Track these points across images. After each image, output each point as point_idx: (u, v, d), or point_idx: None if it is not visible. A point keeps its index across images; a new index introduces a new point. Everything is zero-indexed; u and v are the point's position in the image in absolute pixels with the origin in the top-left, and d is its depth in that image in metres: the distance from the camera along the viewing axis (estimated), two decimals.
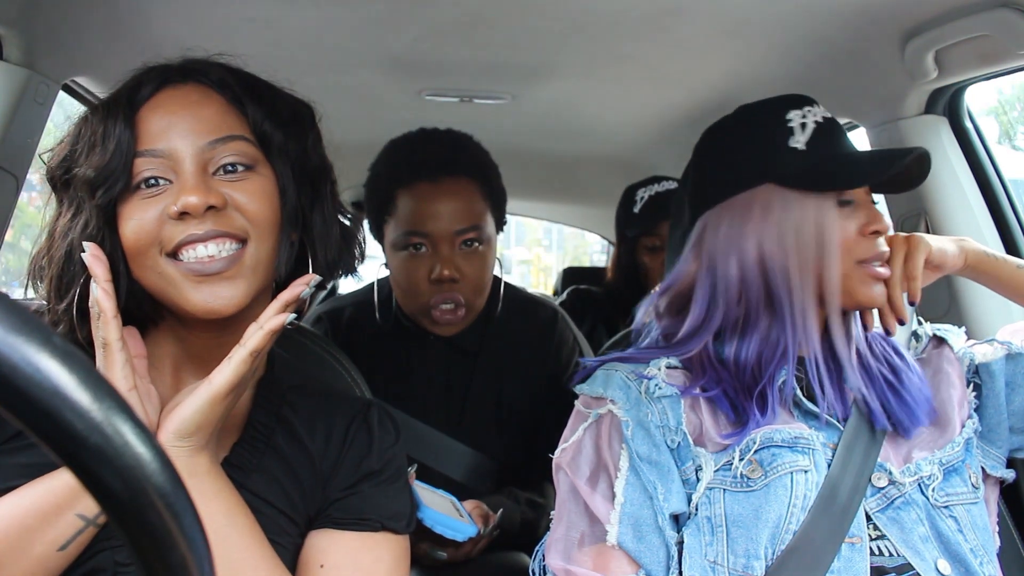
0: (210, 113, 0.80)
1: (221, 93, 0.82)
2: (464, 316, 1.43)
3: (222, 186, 0.78)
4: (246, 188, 0.79)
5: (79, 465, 0.33)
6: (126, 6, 1.25)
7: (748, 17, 1.30)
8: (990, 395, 1.03)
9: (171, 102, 0.80)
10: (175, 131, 0.78)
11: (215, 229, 0.76)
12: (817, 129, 0.98)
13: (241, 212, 0.78)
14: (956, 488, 0.96)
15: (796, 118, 0.98)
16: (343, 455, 0.87)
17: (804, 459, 0.92)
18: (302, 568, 0.83)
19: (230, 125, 0.81)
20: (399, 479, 0.89)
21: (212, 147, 0.79)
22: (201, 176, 0.78)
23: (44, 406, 0.31)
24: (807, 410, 0.96)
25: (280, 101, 0.86)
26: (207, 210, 0.76)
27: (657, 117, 1.95)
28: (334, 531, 0.84)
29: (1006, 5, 1.09)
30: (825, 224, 0.94)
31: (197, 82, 0.82)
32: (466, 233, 1.41)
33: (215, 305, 0.77)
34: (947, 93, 1.39)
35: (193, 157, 0.78)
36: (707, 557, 0.90)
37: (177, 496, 0.35)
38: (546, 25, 1.36)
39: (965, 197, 1.40)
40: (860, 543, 0.91)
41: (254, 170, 0.81)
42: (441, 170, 1.42)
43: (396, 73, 1.64)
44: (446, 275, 1.38)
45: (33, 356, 0.31)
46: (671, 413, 0.94)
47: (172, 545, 0.35)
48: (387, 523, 0.85)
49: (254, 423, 0.85)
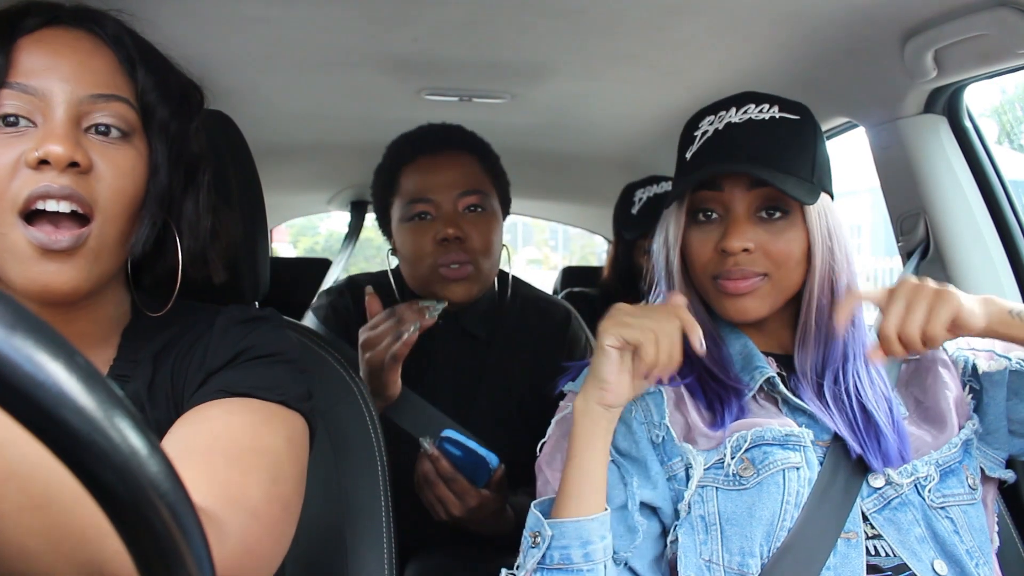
0: (99, 65, 0.74)
1: (115, 50, 0.76)
2: (473, 275, 1.42)
3: (91, 148, 0.71)
4: (114, 158, 0.73)
5: (79, 465, 0.33)
6: (126, 6, 1.25)
7: (748, 16, 1.30)
8: (991, 402, 1.02)
9: (58, 42, 0.73)
10: (56, 73, 0.71)
11: (71, 188, 0.69)
12: (711, 137, 0.99)
13: (101, 184, 0.72)
14: (953, 489, 0.96)
15: (706, 124, 1.01)
16: (205, 358, 0.80)
17: (796, 456, 0.92)
18: (190, 432, 0.72)
19: (117, 85, 0.74)
20: (284, 357, 0.81)
21: (92, 101, 0.72)
22: (72, 128, 0.71)
23: (44, 406, 0.31)
24: (796, 407, 0.97)
25: (172, 76, 0.81)
26: (69, 166, 0.69)
27: (657, 116, 1.95)
28: (222, 400, 0.74)
29: (1005, 4, 1.09)
30: (670, 241, 1.02)
31: (90, 31, 0.75)
32: (469, 196, 1.42)
33: (54, 284, 0.70)
34: (946, 92, 1.39)
35: (68, 105, 0.71)
36: (702, 556, 0.90)
37: (177, 496, 0.35)
38: (546, 25, 1.36)
39: (964, 196, 1.40)
40: (856, 539, 0.91)
41: (128, 140, 0.74)
42: (441, 145, 1.46)
43: (396, 73, 1.64)
44: (451, 233, 1.38)
45: (33, 355, 0.31)
46: (655, 409, 0.97)
47: (172, 545, 0.35)
48: (282, 397, 0.76)
49: (112, 375, 0.80)
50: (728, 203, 0.97)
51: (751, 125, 0.97)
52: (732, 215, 0.97)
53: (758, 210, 0.97)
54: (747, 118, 0.98)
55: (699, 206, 0.99)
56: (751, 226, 0.96)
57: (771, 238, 0.96)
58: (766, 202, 0.97)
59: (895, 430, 0.96)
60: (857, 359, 1.00)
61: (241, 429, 0.73)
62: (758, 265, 0.96)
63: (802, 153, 0.98)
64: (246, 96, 1.75)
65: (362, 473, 1.03)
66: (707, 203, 0.99)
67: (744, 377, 0.99)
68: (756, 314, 0.98)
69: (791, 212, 0.97)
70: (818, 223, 0.97)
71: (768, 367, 0.99)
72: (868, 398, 0.97)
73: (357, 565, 1.00)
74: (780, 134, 0.97)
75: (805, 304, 0.99)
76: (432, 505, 1.32)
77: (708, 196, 0.99)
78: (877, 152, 1.51)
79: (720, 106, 1.01)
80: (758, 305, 0.97)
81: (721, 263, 0.97)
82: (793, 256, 0.97)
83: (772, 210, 0.97)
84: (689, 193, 0.99)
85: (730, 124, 0.98)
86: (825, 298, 0.98)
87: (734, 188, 0.97)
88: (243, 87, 1.71)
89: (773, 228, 0.97)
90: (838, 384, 0.98)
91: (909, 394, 1.04)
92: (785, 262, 0.96)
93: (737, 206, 0.97)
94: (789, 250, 0.96)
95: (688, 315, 0.87)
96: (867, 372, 1.00)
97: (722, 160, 0.97)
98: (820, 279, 0.98)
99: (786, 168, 0.96)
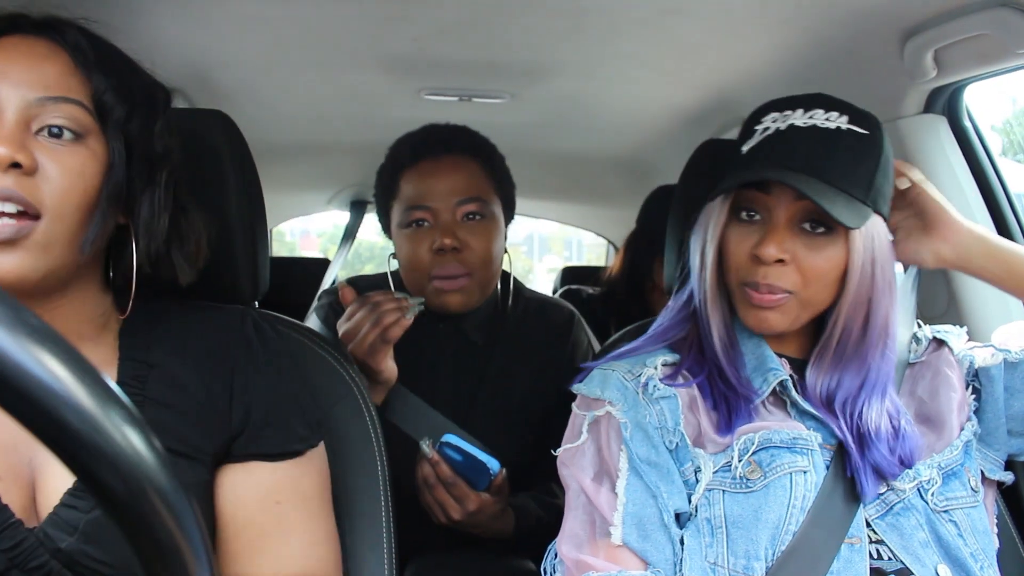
0: (51, 70, 0.76)
1: (71, 55, 0.78)
2: (469, 287, 1.41)
3: (40, 150, 0.74)
4: (64, 160, 0.75)
5: (79, 465, 0.33)
6: (125, 5, 1.25)
7: (748, 17, 1.30)
8: (989, 399, 1.02)
9: (13, 50, 0.76)
10: (7, 79, 0.74)
11: (11, 190, 0.71)
12: (772, 136, 0.94)
13: (48, 184, 0.73)
14: (955, 492, 0.96)
15: (768, 121, 0.96)
16: (233, 381, 0.86)
17: (803, 460, 0.92)
18: (256, 505, 0.85)
19: (68, 87, 0.76)
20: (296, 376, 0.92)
21: (41, 104, 0.74)
22: (19, 131, 0.73)
23: (44, 406, 0.31)
24: (803, 410, 0.97)
25: (135, 77, 0.83)
26: (11, 166, 0.71)
27: (657, 116, 1.95)
28: (269, 464, 0.87)
29: (1005, 4, 1.09)
30: (708, 235, 0.98)
31: (49, 38, 0.78)
32: (468, 204, 1.40)
33: (6, 275, 0.72)
34: (946, 92, 1.38)
35: (18, 109, 0.74)
36: (707, 558, 0.90)
37: (177, 496, 0.35)
38: (546, 24, 1.36)
39: (964, 196, 1.40)
40: (859, 544, 0.91)
41: (82, 140, 0.76)
42: (443, 148, 1.44)
43: (395, 72, 1.64)
44: (447, 243, 1.36)
45: (34, 355, 0.31)
46: (669, 415, 0.95)
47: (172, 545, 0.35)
48: (312, 439, 0.90)
49: (124, 380, 0.83)
50: (772, 207, 0.93)
51: (815, 132, 0.92)
52: (773, 221, 0.93)
53: (801, 221, 0.93)
54: (812, 123, 0.92)
55: (743, 204, 0.95)
56: (790, 236, 0.93)
57: (808, 252, 0.92)
58: (811, 215, 0.92)
59: (900, 441, 0.94)
60: (874, 392, 0.96)
61: (290, 488, 0.87)
62: (787, 281, 0.92)
63: (861, 170, 0.92)
64: (246, 96, 1.75)
65: (362, 473, 1.03)
66: (752, 203, 0.95)
67: (756, 379, 0.97)
68: (777, 328, 0.95)
69: (835, 229, 0.92)
70: (862, 246, 0.92)
71: (781, 369, 0.97)
72: (871, 423, 0.94)
73: (357, 565, 1.00)
74: (843, 147, 0.92)
75: (831, 323, 0.96)
76: (432, 508, 1.31)
77: (754, 196, 0.94)
78: None
79: (788, 104, 0.96)
80: (780, 320, 0.95)
81: (753, 271, 0.94)
82: (827, 275, 0.93)
83: (816, 224, 0.93)
84: (735, 189, 0.95)
85: (793, 127, 0.93)
86: (855, 324, 0.95)
87: (781, 194, 0.93)
88: (243, 87, 1.71)
89: (813, 242, 0.93)
90: (845, 409, 0.95)
91: (913, 396, 1.04)
92: (817, 280, 0.93)
93: (780, 213, 0.93)
94: (825, 268, 0.92)
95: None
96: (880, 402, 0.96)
97: (776, 164, 0.92)
98: (853, 303, 0.94)
99: (842, 184, 0.91)
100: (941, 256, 1.02)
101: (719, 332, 0.98)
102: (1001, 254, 1.01)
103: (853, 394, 0.96)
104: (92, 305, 0.84)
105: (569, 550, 0.93)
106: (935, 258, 1.02)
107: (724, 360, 0.97)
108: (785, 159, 0.92)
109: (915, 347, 1.09)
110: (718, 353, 0.98)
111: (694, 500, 0.92)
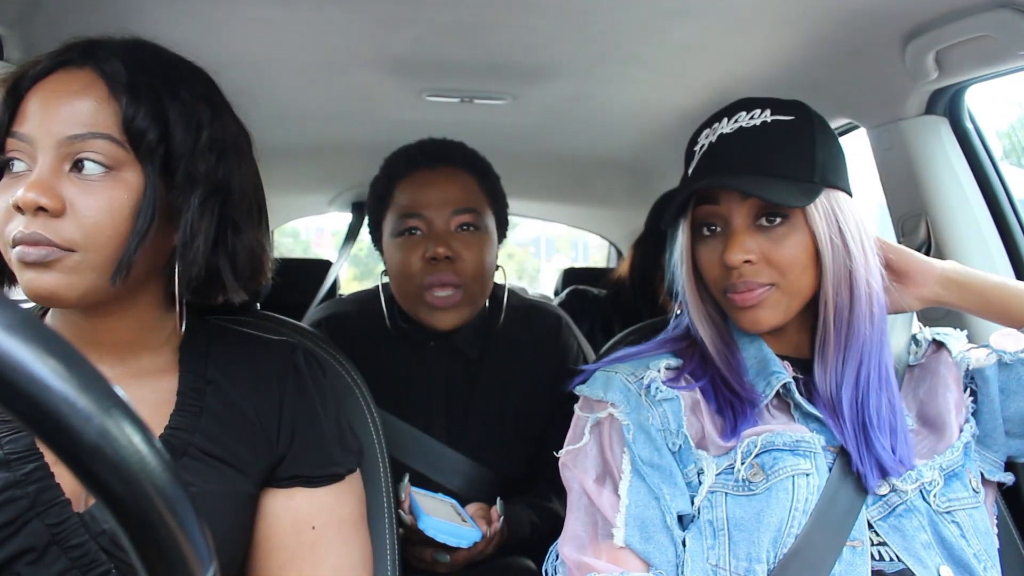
0: (83, 106, 0.76)
1: (108, 84, 0.78)
2: (462, 302, 1.40)
3: (71, 186, 0.75)
4: (93, 195, 0.75)
5: (79, 465, 0.33)
6: (126, 6, 1.25)
7: (749, 18, 1.30)
8: (985, 401, 1.02)
9: (51, 87, 0.77)
10: (42, 118, 0.76)
11: (39, 234, 0.73)
12: (706, 151, 0.98)
13: (78, 222, 0.74)
14: (957, 493, 0.96)
15: (703, 139, 1.00)
16: (282, 405, 0.89)
17: (806, 462, 0.92)
18: (291, 529, 0.87)
19: (97, 121, 0.76)
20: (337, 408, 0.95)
21: (71, 142, 0.75)
22: (52, 171, 0.75)
23: (45, 406, 0.31)
24: (807, 412, 0.97)
25: (175, 96, 0.81)
26: (38, 210, 0.73)
27: (657, 118, 1.95)
28: (308, 490, 0.89)
29: (1006, 5, 1.09)
30: (678, 258, 1.03)
31: (93, 68, 0.78)
32: (462, 215, 1.40)
33: (41, 292, 0.75)
34: (948, 93, 1.38)
35: (52, 148, 0.75)
36: (709, 560, 0.90)
37: (177, 496, 0.35)
38: (546, 25, 1.36)
39: (965, 197, 1.40)
40: (861, 547, 0.90)
41: (113, 172, 0.76)
42: (439, 159, 1.44)
43: (396, 73, 1.64)
44: (440, 252, 1.36)
45: (34, 356, 0.31)
46: (672, 417, 0.95)
47: (173, 545, 0.35)
48: (351, 464, 0.93)
49: (184, 391, 0.86)
50: (726, 215, 0.96)
51: (741, 134, 0.96)
52: (732, 227, 0.96)
53: (757, 218, 0.96)
54: (737, 127, 0.96)
55: (702, 220, 0.99)
56: (751, 236, 0.95)
57: (772, 246, 0.95)
58: (764, 209, 0.95)
59: (900, 440, 0.95)
60: (877, 366, 0.97)
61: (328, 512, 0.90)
62: (762, 276, 0.95)
63: (798, 153, 0.95)
64: (247, 97, 1.74)
65: (364, 474, 1.03)
66: (707, 217, 0.98)
67: (759, 383, 0.97)
68: (770, 323, 0.96)
69: (792, 216, 0.95)
70: (823, 222, 0.94)
71: (784, 372, 0.98)
72: (873, 412, 0.95)
73: None
74: (772, 138, 0.95)
75: (822, 307, 0.97)
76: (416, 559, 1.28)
77: (708, 211, 0.98)
78: (878, 153, 1.51)
79: (715, 118, 1.00)
80: (770, 315, 0.96)
81: (728, 276, 0.96)
82: (799, 261, 0.95)
83: (772, 217, 0.95)
84: (691, 209, 0.99)
85: (722, 135, 0.97)
86: (843, 298, 0.96)
87: (730, 200, 0.96)
88: (244, 88, 1.70)
89: (774, 235, 0.95)
90: (854, 394, 0.96)
91: (914, 397, 1.04)
92: (790, 269, 0.95)
93: (735, 218, 0.96)
94: (793, 255, 0.94)
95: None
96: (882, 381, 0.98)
97: (714, 173, 0.96)
98: (835, 280, 0.95)
99: (781, 172, 0.94)
100: (922, 299, 1.04)
101: (714, 344, 1.01)
102: (974, 287, 1.03)
103: (860, 383, 0.97)
104: (154, 318, 0.86)
105: (571, 551, 0.93)
106: (917, 302, 1.05)
107: (725, 369, 0.98)
108: (721, 166, 0.96)
109: (915, 349, 1.09)
110: (718, 364, 0.99)
111: (696, 502, 0.92)
